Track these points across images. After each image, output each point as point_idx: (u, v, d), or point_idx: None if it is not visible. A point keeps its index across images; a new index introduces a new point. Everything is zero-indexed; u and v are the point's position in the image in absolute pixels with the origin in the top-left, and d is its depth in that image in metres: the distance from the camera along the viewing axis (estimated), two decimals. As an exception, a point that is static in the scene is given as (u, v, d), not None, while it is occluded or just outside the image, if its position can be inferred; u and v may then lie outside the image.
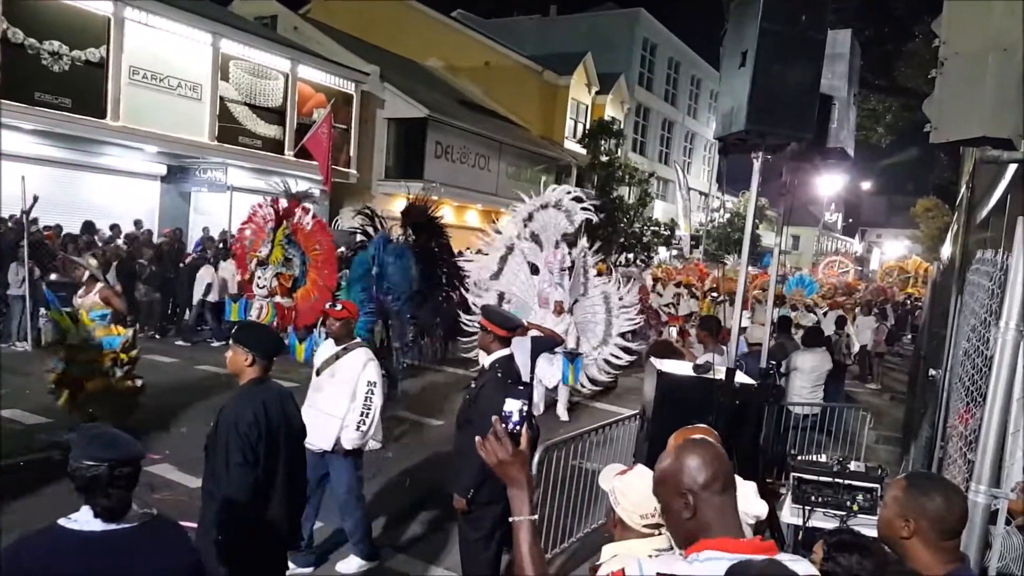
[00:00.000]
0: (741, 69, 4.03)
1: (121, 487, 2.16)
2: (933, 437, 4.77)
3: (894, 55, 13.45)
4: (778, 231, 5.91)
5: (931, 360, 6.06)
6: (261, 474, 3.17)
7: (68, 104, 14.38)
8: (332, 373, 4.81)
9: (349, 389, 4.70)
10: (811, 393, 7.79)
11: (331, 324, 4.92)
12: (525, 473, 1.78)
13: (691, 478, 1.69)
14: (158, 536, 2.24)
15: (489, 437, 1.76)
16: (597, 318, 9.82)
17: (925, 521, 1.98)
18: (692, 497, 1.68)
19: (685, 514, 1.69)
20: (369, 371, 4.76)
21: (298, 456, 3.43)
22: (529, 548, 1.75)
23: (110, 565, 2.10)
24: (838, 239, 61.23)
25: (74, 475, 2.15)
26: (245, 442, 3.10)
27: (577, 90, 31.63)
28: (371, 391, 4.73)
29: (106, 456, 2.15)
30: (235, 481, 3.10)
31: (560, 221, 9.61)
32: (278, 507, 3.27)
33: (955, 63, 2.65)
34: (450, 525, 5.16)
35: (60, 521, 2.15)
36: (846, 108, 4.62)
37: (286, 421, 3.33)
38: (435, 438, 7.80)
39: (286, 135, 19.53)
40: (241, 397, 3.25)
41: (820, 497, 4.21)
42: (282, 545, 3.42)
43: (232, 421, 3.14)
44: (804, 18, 3.95)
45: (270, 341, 3.45)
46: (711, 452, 1.73)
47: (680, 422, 2.94)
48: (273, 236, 7.84)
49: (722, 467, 1.71)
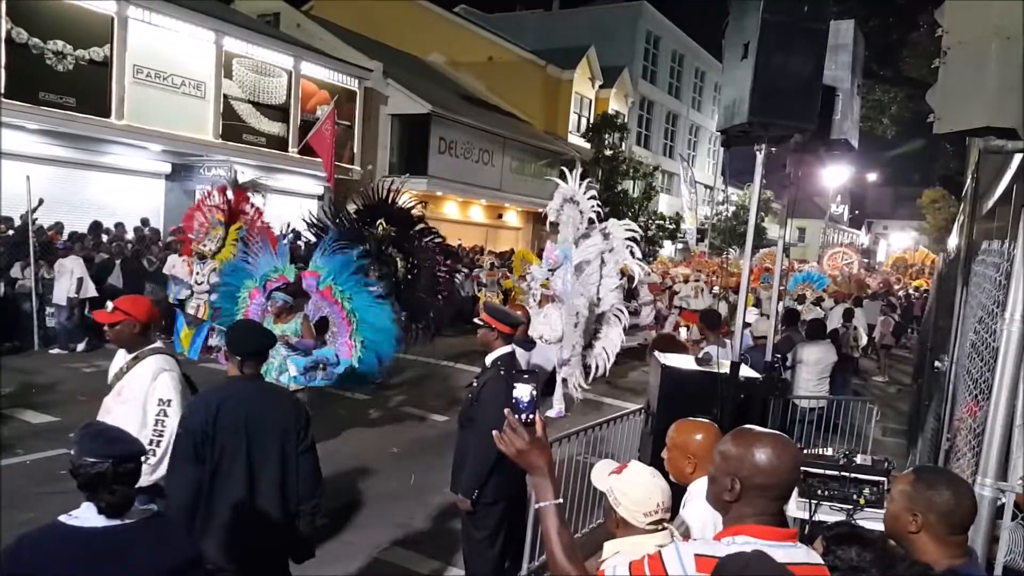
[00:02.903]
0: (743, 61, 4.01)
1: (124, 483, 2.17)
2: (939, 429, 4.74)
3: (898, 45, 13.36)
4: (782, 223, 5.88)
5: (936, 352, 6.03)
6: (207, 475, 3.05)
7: (72, 103, 14.40)
8: (119, 391, 3.75)
9: (138, 411, 3.64)
10: (817, 386, 7.76)
11: (108, 331, 3.82)
12: (545, 459, 1.77)
13: (749, 472, 1.72)
14: (160, 532, 2.25)
15: (505, 428, 1.76)
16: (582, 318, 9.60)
17: (933, 515, 1.97)
18: (740, 487, 1.72)
19: (727, 496, 1.75)
20: (160, 385, 3.65)
21: (285, 458, 3.20)
22: (558, 533, 1.76)
23: (112, 561, 2.11)
24: (844, 231, 61.02)
25: (77, 472, 2.16)
26: (187, 440, 3.03)
27: (580, 84, 31.54)
28: (163, 412, 3.62)
29: (109, 453, 2.16)
30: (172, 479, 3.09)
31: (576, 216, 9.56)
32: (245, 509, 3.10)
33: (958, 52, 2.63)
34: (455, 522, 5.16)
35: (61, 518, 2.16)
36: (850, 99, 4.59)
37: (258, 421, 3.17)
38: (439, 434, 7.81)
39: (290, 132, 19.53)
40: (199, 395, 3.23)
41: (826, 491, 4.17)
42: (267, 549, 3.25)
43: (182, 418, 3.12)
44: (806, 8, 3.93)
45: (249, 342, 3.33)
46: (786, 464, 1.73)
47: (685, 416, 2.93)
48: (225, 233, 7.59)
49: (787, 481, 1.74)
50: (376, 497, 6.05)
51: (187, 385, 3.79)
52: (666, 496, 2.11)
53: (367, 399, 9.20)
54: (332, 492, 4.97)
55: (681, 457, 2.68)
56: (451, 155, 24.03)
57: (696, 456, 2.64)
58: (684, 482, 2.66)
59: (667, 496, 2.11)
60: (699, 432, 2.71)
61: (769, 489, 1.72)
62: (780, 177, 5.36)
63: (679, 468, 2.68)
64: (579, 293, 9.15)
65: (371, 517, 5.64)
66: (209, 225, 7.56)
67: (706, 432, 2.71)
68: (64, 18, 14.29)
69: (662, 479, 2.17)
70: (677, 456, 2.70)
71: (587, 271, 9.37)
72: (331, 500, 4.95)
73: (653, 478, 2.13)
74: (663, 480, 2.16)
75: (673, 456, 2.71)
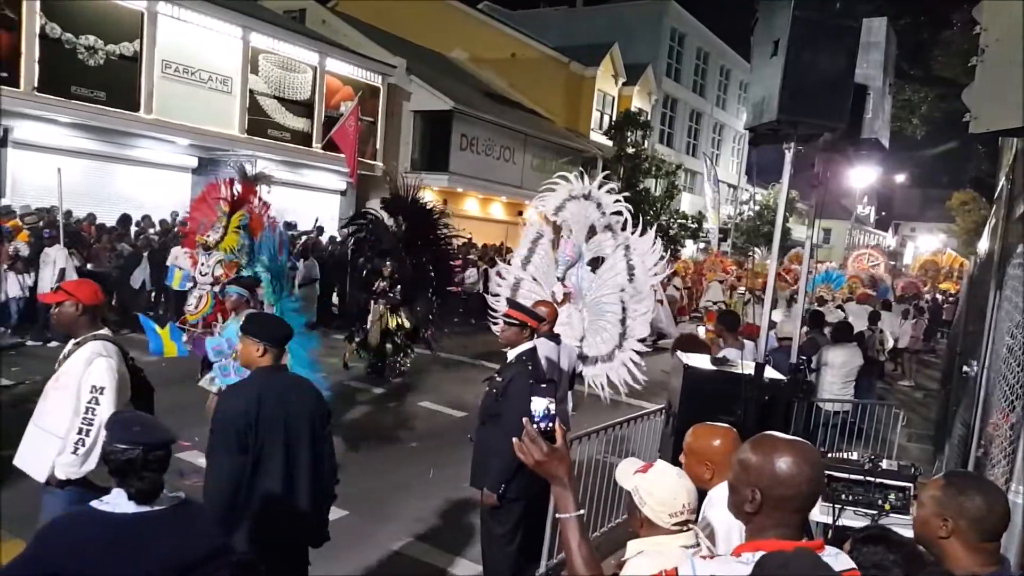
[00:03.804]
0: (773, 58, 3.96)
1: (154, 470, 2.21)
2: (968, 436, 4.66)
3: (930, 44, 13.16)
4: (810, 224, 5.81)
5: (966, 357, 5.93)
6: (249, 464, 3.07)
7: (103, 97, 14.62)
8: (57, 377, 3.54)
9: (72, 397, 3.39)
10: (841, 389, 7.66)
11: (52, 314, 3.63)
12: (565, 469, 1.75)
13: (769, 483, 1.67)
14: (188, 519, 2.28)
15: (523, 438, 1.74)
16: (609, 318, 9.36)
17: (964, 521, 1.93)
18: (760, 498, 1.66)
19: (747, 507, 1.69)
20: (94, 371, 3.39)
21: (315, 447, 3.28)
22: (578, 545, 1.74)
23: (142, 545, 2.14)
24: (870, 232, 60.24)
25: (109, 458, 2.21)
26: (229, 431, 3.04)
27: (604, 81, 31.40)
28: (95, 400, 3.36)
29: (140, 440, 2.20)
30: (214, 469, 3.08)
31: (590, 212, 9.40)
32: (282, 499, 3.15)
33: (996, 51, 2.57)
34: (473, 517, 5.17)
35: (93, 503, 2.20)
36: (881, 98, 4.52)
37: (293, 411, 3.21)
38: (457, 429, 7.82)
39: (314, 128, 19.66)
40: (237, 387, 3.23)
41: (851, 495, 4.12)
42: (298, 538, 3.33)
43: (221, 409, 3.11)
44: (837, 6, 3.87)
45: (278, 329, 3.37)
46: (807, 474, 1.67)
47: (707, 417, 2.90)
48: (227, 222, 7.49)
49: (810, 491, 1.67)
50: (394, 491, 6.08)
51: (131, 374, 3.61)
52: (692, 497, 2.08)
53: (386, 394, 9.24)
54: (351, 485, 4.99)
55: (698, 463, 2.62)
56: (472, 152, 24.05)
57: (714, 462, 2.58)
58: (703, 488, 2.60)
59: (693, 497, 2.09)
60: (716, 437, 2.65)
61: (790, 500, 1.67)
62: (807, 177, 5.28)
63: (697, 474, 2.58)
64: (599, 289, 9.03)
65: (389, 511, 5.67)
66: (215, 217, 7.52)
67: (724, 437, 2.64)
68: (96, 14, 14.51)
69: (688, 479, 2.14)
70: (694, 462, 2.63)
71: (606, 266, 9.20)
72: (350, 493, 4.97)
73: (679, 478, 2.11)
74: (689, 480, 2.14)
75: (690, 462, 2.64)
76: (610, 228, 8.98)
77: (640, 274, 8.24)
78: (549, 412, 1.75)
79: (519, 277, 9.02)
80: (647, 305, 7.69)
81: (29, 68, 13.41)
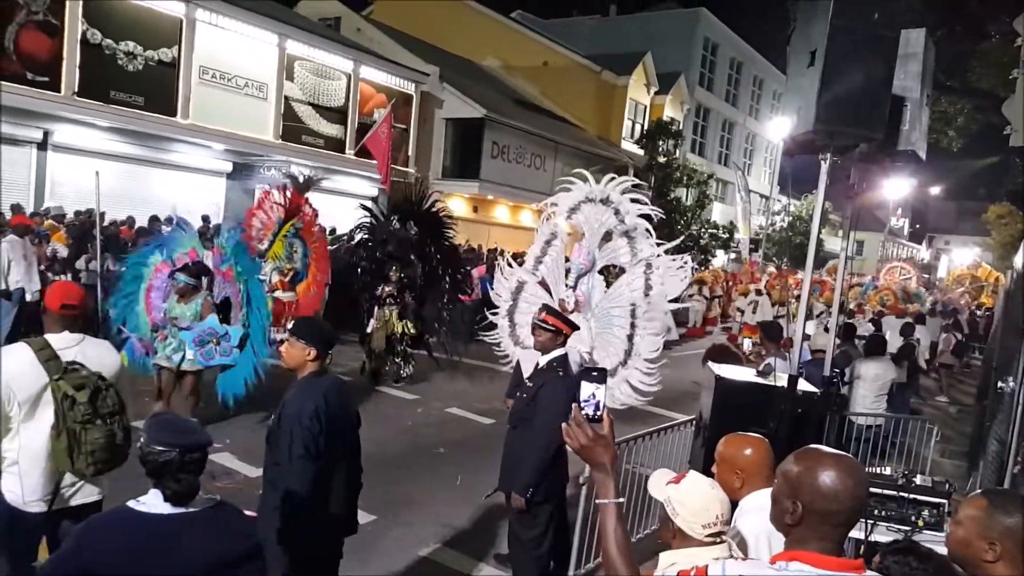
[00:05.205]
0: (810, 68, 3.94)
1: (190, 472, 2.24)
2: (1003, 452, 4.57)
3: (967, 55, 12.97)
4: (844, 235, 5.74)
5: (1002, 372, 5.80)
6: (323, 465, 3.21)
7: (141, 102, 14.95)
8: None
9: None
10: (874, 403, 7.53)
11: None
12: (609, 456, 1.78)
13: (811, 496, 1.65)
14: (222, 521, 2.31)
15: (570, 422, 1.77)
16: (616, 331, 8.74)
17: (1011, 543, 1.87)
18: (801, 510, 1.65)
19: (788, 519, 1.68)
20: None
21: (355, 445, 3.51)
22: (614, 530, 1.76)
23: (176, 546, 2.18)
24: (904, 245, 59.21)
25: (145, 459, 2.23)
26: (308, 435, 3.13)
27: (636, 90, 31.34)
28: None
29: (177, 442, 2.23)
30: (297, 473, 3.14)
31: (606, 218, 9.02)
32: (338, 495, 3.33)
33: (1042, 62, 2.53)
34: (501, 523, 5.17)
35: (129, 503, 2.24)
36: (918, 109, 4.46)
37: (345, 412, 3.38)
38: (485, 435, 7.83)
39: (347, 134, 19.90)
40: (303, 391, 3.29)
41: (883, 511, 4.06)
42: (340, 531, 3.48)
43: (296, 414, 3.17)
44: (876, 16, 3.84)
45: (328, 333, 3.46)
46: (850, 490, 1.65)
47: (739, 429, 2.87)
48: (278, 230, 7.60)
49: (852, 507, 1.66)
50: (422, 496, 6.10)
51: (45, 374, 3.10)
52: (725, 507, 2.07)
53: (414, 399, 9.28)
54: (378, 490, 5.02)
55: (729, 472, 2.61)
56: (503, 159, 24.13)
57: (745, 471, 2.57)
58: (733, 498, 2.59)
59: (726, 507, 2.08)
60: (748, 447, 2.64)
61: (832, 515, 1.65)
62: (842, 188, 5.22)
63: (727, 483, 2.58)
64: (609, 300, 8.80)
65: (416, 516, 5.69)
66: (273, 223, 7.65)
67: (756, 447, 2.63)
68: (136, 20, 14.87)
69: (720, 490, 2.13)
70: (725, 471, 2.62)
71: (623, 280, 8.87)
72: (377, 498, 5.00)
73: (712, 489, 2.10)
74: (722, 491, 2.13)
75: (721, 471, 2.64)
76: (627, 235, 8.23)
77: (656, 295, 7.62)
78: (594, 398, 1.77)
79: (522, 280, 8.45)
80: (657, 326, 6.82)
81: (70, 73, 13.78)
